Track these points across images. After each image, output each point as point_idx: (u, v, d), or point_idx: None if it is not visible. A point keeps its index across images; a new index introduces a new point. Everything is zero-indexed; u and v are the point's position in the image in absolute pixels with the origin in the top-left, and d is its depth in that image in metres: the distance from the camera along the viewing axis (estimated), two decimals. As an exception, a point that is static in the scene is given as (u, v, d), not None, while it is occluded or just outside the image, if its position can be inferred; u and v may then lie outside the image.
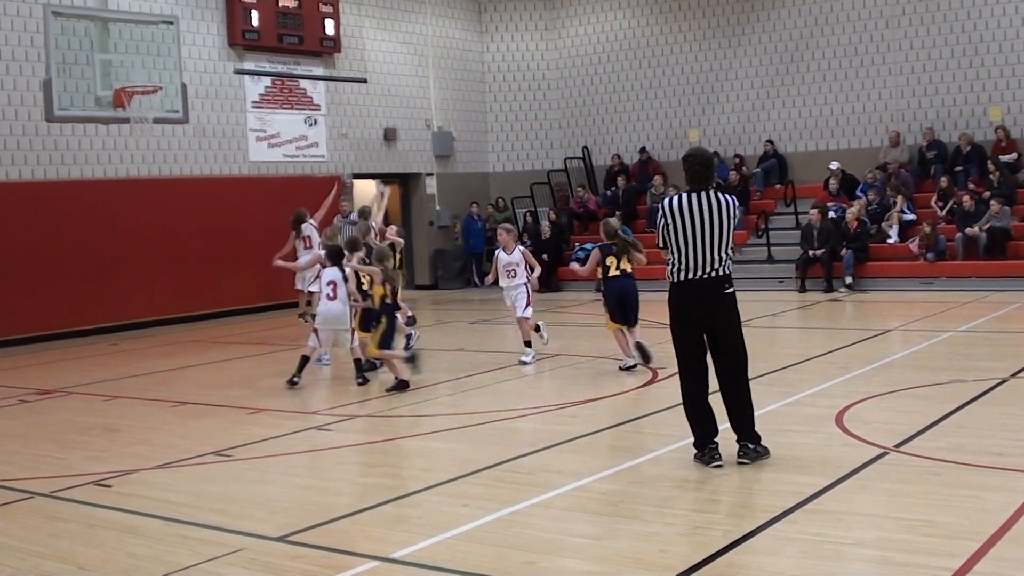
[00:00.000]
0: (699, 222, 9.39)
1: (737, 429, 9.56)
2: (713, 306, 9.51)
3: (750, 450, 9.46)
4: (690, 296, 9.49)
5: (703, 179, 9.67)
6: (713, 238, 9.40)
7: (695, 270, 9.42)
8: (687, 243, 9.41)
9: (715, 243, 9.41)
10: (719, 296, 9.51)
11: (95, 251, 22.69)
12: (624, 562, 7.19)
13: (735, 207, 9.69)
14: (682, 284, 9.51)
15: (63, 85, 19.59)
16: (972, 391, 12.38)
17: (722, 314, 9.55)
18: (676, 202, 9.54)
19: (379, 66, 29.95)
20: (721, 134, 30.87)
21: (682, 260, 9.46)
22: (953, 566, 6.77)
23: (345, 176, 28.73)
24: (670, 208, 9.53)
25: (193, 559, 7.64)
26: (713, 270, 9.43)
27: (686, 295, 9.51)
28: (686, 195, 9.57)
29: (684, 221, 9.41)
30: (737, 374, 9.58)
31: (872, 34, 28.54)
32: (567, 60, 33.49)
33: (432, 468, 10.12)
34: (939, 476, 8.89)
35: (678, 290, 9.56)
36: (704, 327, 9.55)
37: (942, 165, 26.90)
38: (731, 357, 9.58)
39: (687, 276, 9.46)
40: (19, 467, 11.16)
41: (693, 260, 9.41)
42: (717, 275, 9.46)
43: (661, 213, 9.60)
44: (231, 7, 25.90)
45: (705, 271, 9.42)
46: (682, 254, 9.44)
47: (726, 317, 9.58)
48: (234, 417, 13.29)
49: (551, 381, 15.00)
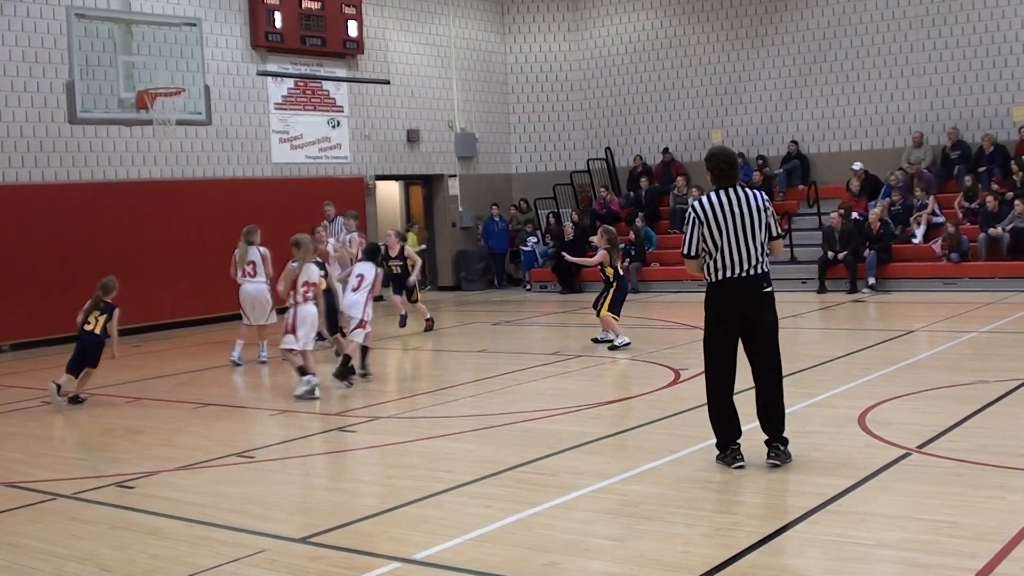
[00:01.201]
0: (732, 218, 9.29)
1: (770, 431, 9.48)
2: (752, 305, 9.41)
3: (781, 452, 9.39)
4: (729, 295, 9.39)
5: (729, 176, 9.50)
6: (747, 233, 9.29)
7: (733, 268, 9.31)
8: (723, 241, 9.29)
9: (750, 238, 9.29)
10: (759, 295, 9.40)
11: (118, 252, 22.73)
12: (646, 563, 7.17)
13: (764, 199, 9.55)
14: (721, 283, 9.40)
15: (86, 87, 19.71)
16: (995, 392, 12.33)
17: (761, 313, 9.45)
18: (707, 202, 9.39)
19: (402, 67, 29.98)
20: (744, 135, 30.81)
21: (720, 259, 9.34)
22: (976, 567, 6.74)
23: (368, 177, 28.78)
24: (702, 209, 9.38)
25: (215, 560, 7.65)
26: (751, 267, 9.30)
27: (725, 294, 9.41)
28: (714, 193, 9.44)
29: (717, 219, 9.29)
30: (773, 374, 9.52)
31: (895, 35, 28.45)
32: (590, 61, 33.47)
33: (454, 469, 10.12)
34: (962, 477, 8.85)
35: (717, 289, 9.47)
36: (741, 327, 9.44)
37: (965, 166, 26.80)
38: (767, 357, 9.51)
39: (726, 275, 9.35)
40: (42, 469, 11.20)
41: (731, 258, 9.30)
42: (756, 273, 9.33)
43: (692, 216, 9.44)
44: (254, 9, 25.96)
45: (743, 269, 9.30)
46: (720, 253, 9.33)
47: (765, 316, 9.47)
48: (256, 418, 13.32)
49: (574, 382, 14.98)
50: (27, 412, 14.64)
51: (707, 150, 9.90)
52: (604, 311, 17.64)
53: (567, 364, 16.33)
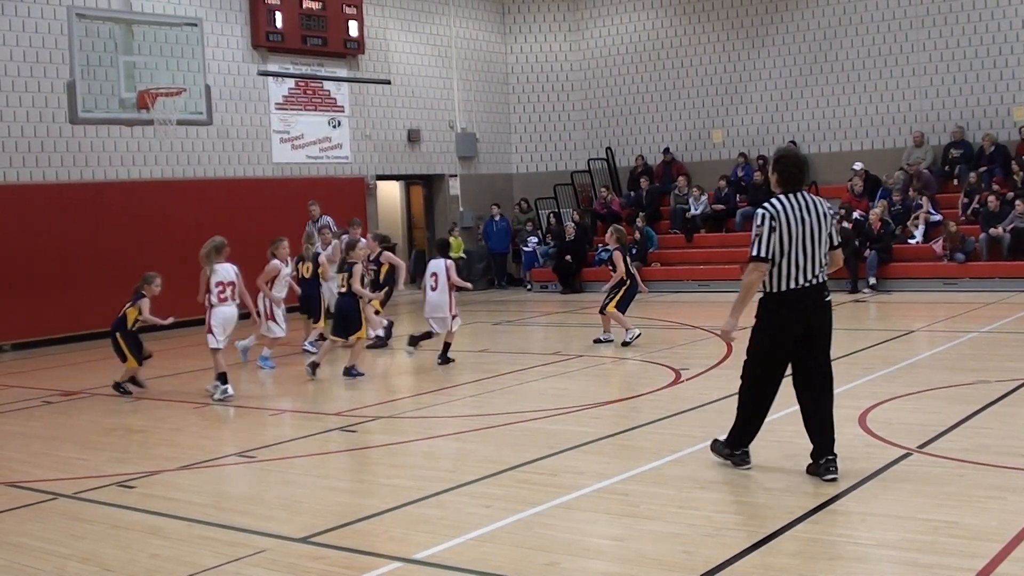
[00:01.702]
0: (800, 224, 8.81)
1: (825, 444, 8.98)
2: (816, 315, 8.97)
3: (835, 464, 8.94)
4: (792, 306, 8.89)
5: (798, 180, 9.05)
6: (814, 242, 8.83)
7: (798, 278, 8.83)
8: (791, 248, 8.79)
9: (816, 247, 8.84)
10: (821, 305, 8.98)
11: (118, 252, 22.73)
12: (647, 563, 7.17)
13: (827, 207, 9.13)
14: (784, 294, 8.89)
15: (87, 87, 19.68)
16: (996, 392, 12.33)
17: (822, 323, 9.02)
18: (779, 204, 8.85)
19: (403, 67, 29.99)
20: (745, 135, 30.82)
21: (786, 267, 8.82)
22: (976, 567, 6.75)
23: (368, 177, 28.78)
24: (775, 210, 8.82)
25: (216, 560, 7.66)
26: (815, 276, 8.87)
27: (788, 305, 8.90)
28: (784, 197, 8.93)
29: (789, 224, 8.79)
30: (827, 385, 9.08)
31: (896, 35, 28.46)
32: (590, 61, 33.47)
33: (455, 469, 10.12)
34: (963, 477, 8.85)
35: (778, 300, 8.92)
36: (800, 337, 8.98)
37: (966, 165, 26.80)
38: (823, 367, 9.07)
39: (789, 285, 8.86)
40: (43, 468, 11.21)
41: (797, 266, 8.81)
42: (818, 282, 8.92)
43: (767, 217, 8.83)
44: (255, 9, 25.98)
45: (807, 279, 8.83)
46: (786, 260, 8.80)
47: (824, 326, 9.03)
48: (257, 418, 13.33)
49: (575, 382, 14.98)
50: (28, 412, 14.64)
51: (776, 150, 9.42)
52: (611, 307, 17.77)
53: (568, 364, 16.33)
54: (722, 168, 30.40)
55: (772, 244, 8.79)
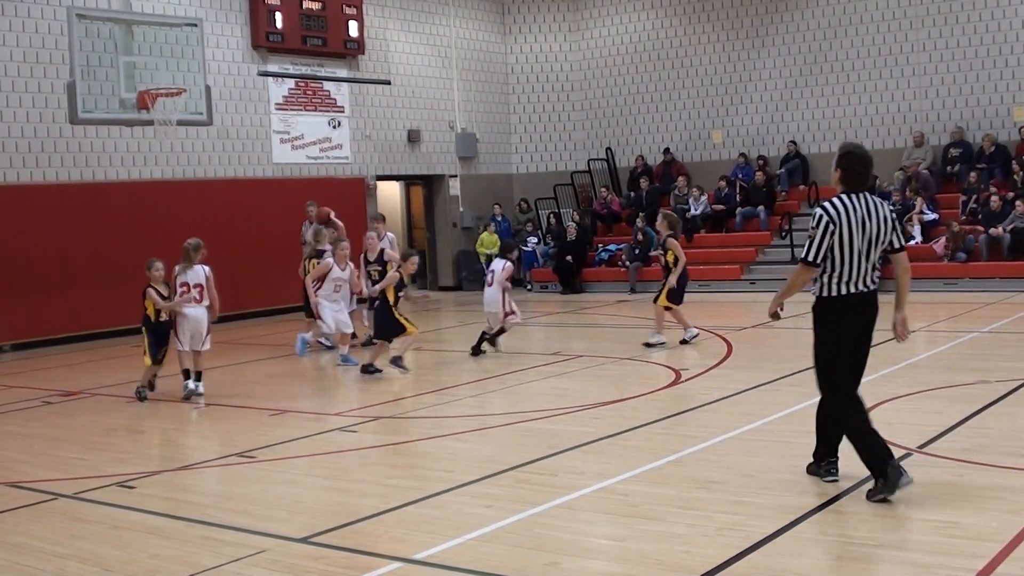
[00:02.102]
0: (862, 227, 8.41)
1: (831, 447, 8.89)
2: (869, 320, 8.64)
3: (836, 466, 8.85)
4: (850, 311, 8.55)
5: (863, 180, 8.64)
6: (872, 246, 8.45)
7: (855, 283, 8.50)
8: (849, 251, 8.42)
9: (873, 251, 8.48)
10: (874, 309, 8.63)
11: (119, 253, 22.71)
12: (647, 563, 7.18)
13: (890, 209, 8.74)
14: (841, 299, 8.54)
15: (87, 87, 19.66)
16: (996, 392, 12.35)
17: (870, 327, 8.71)
18: (840, 205, 8.45)
19: (403, 68, 29.98)
20: (745, 135, 30.82)
21: (843, 271, 8.47)
22: (976, 567, 6.75)
23: (368, 178, 28.78)
24: (835, 212, 8.43)
25: (216, 560, 7.66)
26: (872, 282, 8.55)
27: (846, 310, 8.55)
28: (846, 197, 8.52)
29: (850, 226, 8.39)
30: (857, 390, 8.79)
31: (896, 35, 28.46)
32: (590, 61, 33.47)
33: (455, 469, 10.12)
34: (962, 477, 8.86)
35: (835, 304, 8.56)
36: (855, 341, 8.67)
37: (967, 166, 26.80)
38: (863, 370, 8.84)
39: (849, 290, 8.52)
40: (43, 468, 11.21)
41: (854, 271, 8.46)
42: (872, 288, 8.58)
43: (825, 219, 8.46)
44: (255, 9, 25.97)
45: (864, 284, 8.51)
46: (844, 264, 8.45)
47: (871, 330, 8.73)
48: (258, 419, 13.32)
49: (575, 382, 14.98)
50: (28, 412, 14.65)
51: (841, 145, 8.86)
52: (662, 299, 17.42)
53: (568, 364, 16.34)
54: (722, 168, 30.40)
55: (825, 248, 8.47)
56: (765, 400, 12.81)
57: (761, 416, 11.79)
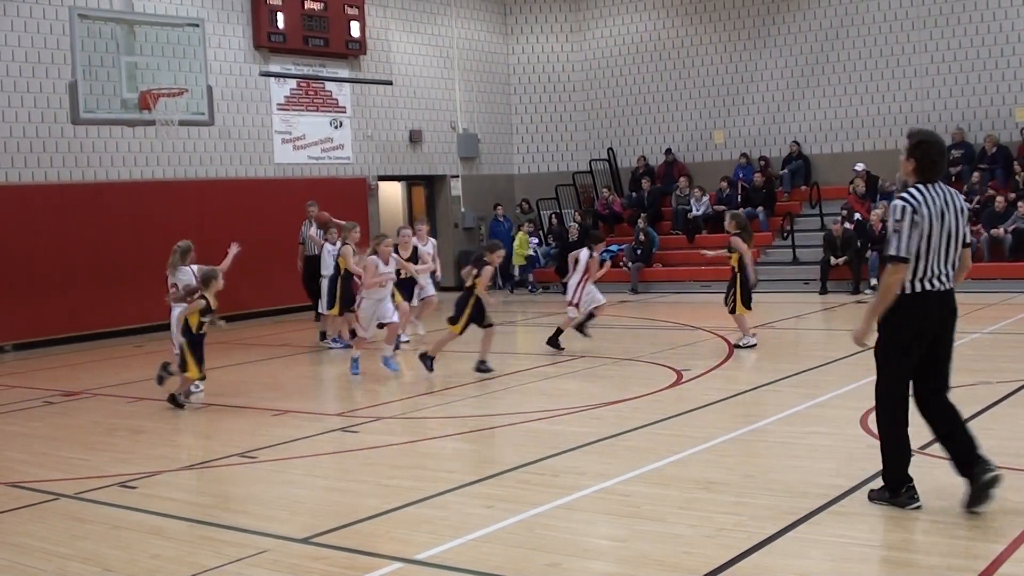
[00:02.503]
0: (941, 219, 7.92)
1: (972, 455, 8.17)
2: (948, 320, 8.15)
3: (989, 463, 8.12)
4: (930, 309, 8.01)
5: (939, 169, 8.14)
6: (951, 240, 7.97)
7: (935, 279, 7.97)
8: (929, 245, 7.91)
9: (953, 245, 8.00)
10: (952, 308, 8.14)
11: (120, 253, 22.74)
12: (648, 564, 7.18)
13: (964, 200, 8.26)
14: (920, 296, 7.97)
15: (89, 88, 19.66)
16: (998, 393, 12.33)
17: (950, 327, 8.21)
18: (920, 195, 7.93)
19: (404, 68, 29.98)
20: (747, 135, 30.82)
21: (924, 267, 7.93)
22: (977, 568, 6.75)
23: (370, 178, 28.77)
24: (917, 203, 7.89)
25: (217, 560, 7.66)
26: (949, 279, 8.07)
27: (924, 307, 8.00)
28: (925, 187, 8.00)
29: (931, 218, 7.88)
30: (947, 391, 8.35)
31: (898, 36, 28.45)
32: (592, 62, 33.47)
33: (457, 470, 10.12)
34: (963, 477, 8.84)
35: (913, 302, 7.97)
36: (931, 342, 8.14)
37: (968, 167, 26.79)
38: (946, 373, 8.35)
39: (931, 286, 7.97)
40: (45, 468, 11.21)
41: (935, 266, 7.95)
42: (951, 286, 8.10)
43: (908, 210, 7.89)
44: (257, 9, 25.97)
45: (943, 281, 8.01)
46: (925, 259, 7.92)
47: (950, 330, 8.23)
48: (259, 419, 13.32)
49: (576, 383, 14.98)
50: (29, 412, 14.65)
51: (911, 133, 8.32)
52: (739, 308, 17.11)
53: (569, 365, 16.33)
54: (724, 169, 30.39)
55: (915, 239, 7.88)
56: (766, 401, 12.81)
57: (762, 417, 11.80)
